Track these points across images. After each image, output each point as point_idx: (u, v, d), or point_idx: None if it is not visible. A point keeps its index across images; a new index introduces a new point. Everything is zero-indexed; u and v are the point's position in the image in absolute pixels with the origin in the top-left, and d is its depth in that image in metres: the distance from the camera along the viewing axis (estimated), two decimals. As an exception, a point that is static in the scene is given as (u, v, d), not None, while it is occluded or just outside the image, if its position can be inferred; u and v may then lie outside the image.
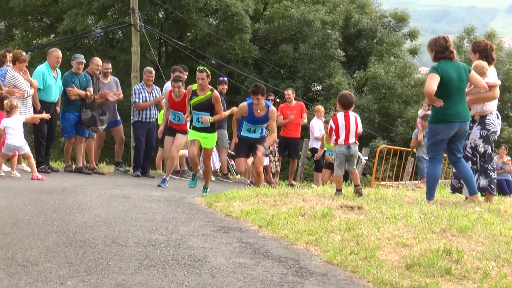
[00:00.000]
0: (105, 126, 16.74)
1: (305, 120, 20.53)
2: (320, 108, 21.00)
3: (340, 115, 11.84)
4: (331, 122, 11.81)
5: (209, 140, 14.68)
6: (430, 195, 11.04)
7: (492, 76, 11.11)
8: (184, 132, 15.85)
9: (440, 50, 10.69)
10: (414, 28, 41.44)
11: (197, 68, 14.55)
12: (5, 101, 14.06)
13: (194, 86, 14.36)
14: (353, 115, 11.88)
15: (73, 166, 16.48)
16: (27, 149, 14.45)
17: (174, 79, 16.22)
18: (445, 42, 10.65)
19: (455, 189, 11.67)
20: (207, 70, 14.46)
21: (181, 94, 15.70)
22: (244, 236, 8.37)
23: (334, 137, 11.75)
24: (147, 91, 17.28)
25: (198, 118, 14.21)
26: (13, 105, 13.93)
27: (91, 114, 16.06)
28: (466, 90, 10.76)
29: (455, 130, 10.87)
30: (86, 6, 35.58)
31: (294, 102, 20.27)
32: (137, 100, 17.20)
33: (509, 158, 24.43)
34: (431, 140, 10.97)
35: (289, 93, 20.38)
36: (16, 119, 14.02)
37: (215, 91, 14.68)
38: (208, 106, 14.31)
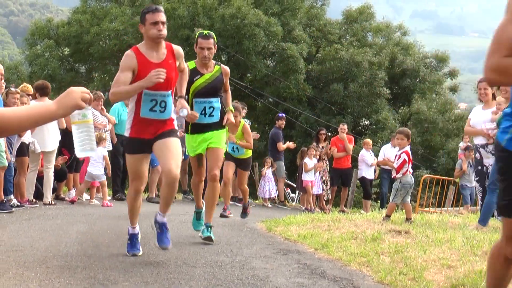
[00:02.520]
0: (182, 157, 16.87)
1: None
2: (369, 141, 20.95)
3: (408, 148, 11.86)
4: (404, 156, 11.78)
5: (215, 138, 9.38)
6: (486, 221, 10.90)
7: None
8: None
9: None
10: (454, 68, 41.13)
11: (198, 33, 9.56)
12: (96, 133, 14.22)
13: (191, 64, 9.30)
14: (409, 148, 11.92)
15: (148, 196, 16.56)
16: (103, 178, 14.61)
17: None
18: None
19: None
20: (214, 36, 9.52)
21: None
22: (302, 258, 8.36)
23: (405, 169, 11.73)
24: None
25: (205, 108, 9.27)
26: (102, 137, 14.12)
27: None
28: None
29: None
30: (156, 51, 36.04)
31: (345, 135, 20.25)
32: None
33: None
34: None
35: (344, 128, 20.36)
36: (99, 151, 14.18)
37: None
38: (219, 87, 9.42)
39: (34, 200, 13.37)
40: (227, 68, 9.63)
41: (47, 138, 13.55)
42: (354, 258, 8.14)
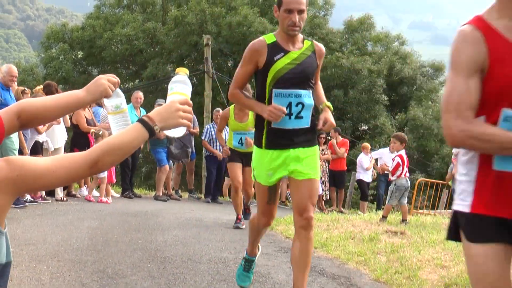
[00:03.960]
0: (189, 158, 17.00)
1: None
2: (367, 145, 20.89)
3: (403, 152, 11.86)
4: (398, 159, 11.78)
5: (308, 162, 5.85)
6: None
7: None
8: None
9: None
10: (449, 77, 41.07)
11: None
12: (93, 129, 14.19)
13: (270, 37, 5.82)
14: (404, 152, 11.91)
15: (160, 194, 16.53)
16: (103, 175, 14.50)
17: None
18: None
19: None
20: None
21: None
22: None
23: (399, 172, 11.71)
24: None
25: (290, 105, 5.71)
26: (98, 134, 14.03)
27: (182, 148, 16.45)
28: None
29: None
30: (166, 56, 36.17)
31: (340, 138, 20.14)
32: (203, 139, 17.24)
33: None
34: None
35: (335, 134, 20.24)
36: None
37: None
38: (311, 74, 5.91)
39: (46, 196, 13.37)
40: (322, 47, 6.04)
41: (56, 136, 13.55)
42: (352, 257, 8.14)
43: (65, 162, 2.53)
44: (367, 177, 20.01)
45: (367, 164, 19.93)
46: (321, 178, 19.11)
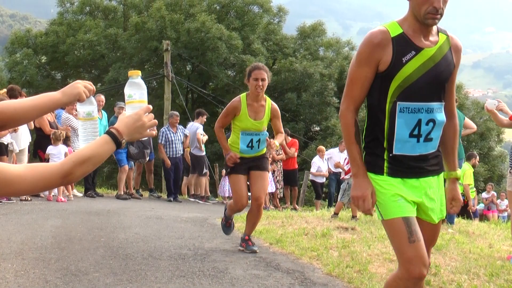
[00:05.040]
0: (148, 158, 16.99)
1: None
2: (323, 148, 20.90)
3: None
4: None
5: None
6: None
7: None
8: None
9: None
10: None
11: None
12: (54, 131, 14.03)
13: (395, 28, 3.96)
14: None
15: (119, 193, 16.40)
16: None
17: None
18: None
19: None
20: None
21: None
22: (259, 251, 8.33)
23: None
24: (173, 132, 17.23)
25: (419, 123, 3.99)
26: (58, 136, 13.84)
27: (140, 148, 16.35)
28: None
29: (459, 165, 11.06)
30: (127, 61, 35.95)
31: (289, 139, 20.15)
32: (160, 142, 17.19)
33: (474, 188, 24.30)
34: None
35: (285, 136, 20.25)
36: (60, 148, 13.91)
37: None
38: (447, 76, 4.07)
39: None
40: (457, 40, 4.26)
41: (20, 138, 13.37)
42: (306, 252, 8.15)
43: (38, 171, 2.50)
44: (320, 178, 20.10)
45: (324, 168, 19.96)
46: (276, 177, 19.13)
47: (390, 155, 4.02)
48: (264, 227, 10.31)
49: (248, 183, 8.55)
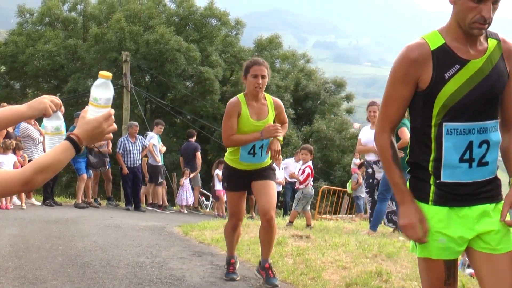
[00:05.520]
0: (107, 167, 16.99)
1: None
2: (280, 157, 20.96)
3: (311, 163, 11.97)
4: (308, 170, 11.87)
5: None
6: (376, 227, 11.06)
7: None
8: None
9: None
10: (349, 92, 41.92)
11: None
12: (4, 140, 13.87)
13: (437, 39, 3.36)
14: (311, 163, 12.05)
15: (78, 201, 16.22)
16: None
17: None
18: None
19: (393, 222, 11.69)
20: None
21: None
22: (215, 259, 8.33)
23: (308, 181, 11.81)
24: (131, 142, 17.12)
25: (471, 145, 3.37)
26: (8, 145, 13.69)
27: (99, 157, 16.28)
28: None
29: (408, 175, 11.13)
30: (86, 71, 35.65)
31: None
32: (119, 151, 17.11)
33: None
34: (390, 184, 10.96)
35: None
36: (9, 157, 13.75)
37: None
38: (501, 89, 3.41)
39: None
40: (511, 43, 3.58)
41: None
42: (261, 260, 8.15)
43: None
44: (277, 186, 20.13)
45: (281, 177, 20.01)
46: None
47: (438, 181, 3.43)
48: (220, 235, 10.27)
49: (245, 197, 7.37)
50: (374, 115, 11.68)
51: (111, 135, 2.84)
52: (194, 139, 20.01)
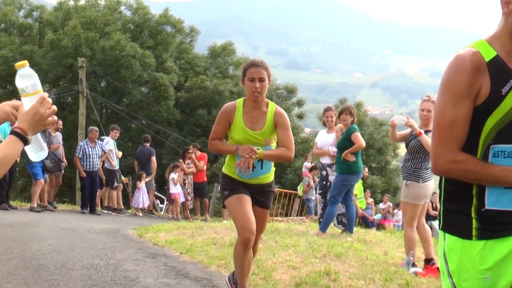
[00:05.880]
0: (62, 171, 16.94)
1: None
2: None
3: None
4: None
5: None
6: (325, 228, 11.16)
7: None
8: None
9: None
10: (301, 98, 42.14)
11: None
12: None
13: (489, 52, 2.88)
14: None
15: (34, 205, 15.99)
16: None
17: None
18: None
19: (342, 224, 11.81)
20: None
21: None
22: (169, 261, 8.29)
23: None
24: (91, 147, 16.97)
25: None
26: None
27: (55, 161, 16.14)
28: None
29: (359, 179, 11.26)
30: (42, 77, 35.13)
31: (199, 153, 20.17)
32: (76, 155, 16.94)
33: (372, 200, 24.92)
34: (341, 188, 11.07)
35: (194, 150, 20.18)
36: None
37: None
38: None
39: None
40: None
41: None
42: (214, 261, 8.16)
43: None
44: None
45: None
46: (186, 189, 19.09)
47: (482, 210, 2.90)
48: (174, 237, 10.27)
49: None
50: (331, 119, 11.86)
51: (54, 117, 2.81)
52: (149, 143, 19.93)
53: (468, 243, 2.91)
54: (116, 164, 17.95)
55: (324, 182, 11.98)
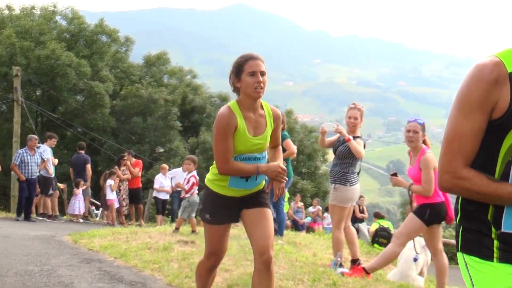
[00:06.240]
0: None
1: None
2: (166, 166, 20.84)
3: (195, 173, 11.94)
4: (193, 179, 11.82)
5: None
6: None
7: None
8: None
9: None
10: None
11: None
12: None
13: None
14: (196, 172, 12.04)
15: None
16: None
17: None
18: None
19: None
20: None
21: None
22: (103, 265, 8.19)
23: (194, 190, 11.78)
24: (30, 155, 16.59)
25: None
26: None
27: None
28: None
29: (289, 184, 11.36)
30: (-23, 85, 34.38)
31: (134, 160, 20.01)
32: (15, 162, 16.55)
33: (302, 203, 25.16)
34: (272, 193, 11.13)
35: (129, 156, 19.98)
36: None
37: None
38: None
39: None
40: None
41: None
42: (148, 265, 8.10)
43: None
44: (163, 195, 20.00)
45: (167, 183, 19.88)
46: (121, 195, 18.88)
47: (498, 232, 2.62)
48: (109, 242, 10.15)
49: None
50: None
51: None
52: (84, 151, 19.65)
53: (490, 266, 2.61)
54: (52, 172, 17.62)
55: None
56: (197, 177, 12.07)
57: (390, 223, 17.88)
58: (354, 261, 8.69)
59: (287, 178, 5.00)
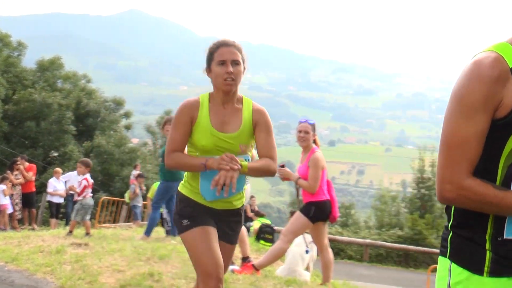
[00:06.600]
0: None
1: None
2: (59, 170, 20.38)
3: (88, 176, 11.74)
4: (84, 182, 11.61)
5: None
6: (150, 232, 11.14)
7: None
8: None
9: None
10: (128, 110, 41.90)
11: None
12: None
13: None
14: (89, 175, 11.86)
15: None
16: None
17: None
18: None
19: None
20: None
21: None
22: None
23: (86, 192, 11.57)
24: None
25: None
26: None
27: None
28: None
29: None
30: None
31: (27, 164, 19.49)
32: None
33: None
34: (164, 194, 11.08)
35: (22, 161, 19.43)
36: None
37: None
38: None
39: None
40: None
41: None
42: (40, 268, 7.88)
43: None
44: (57, 198, 19.54)
45: (60, 187, 19.44)
46: (14, 200, 18.31)
47: (499, 239, 2.33)
48: (0, 247, 9.80)
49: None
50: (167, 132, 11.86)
51: None
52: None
53: (477, 280, 2.32)
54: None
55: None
56: (90, 180, 11.87)
57: (269, 220, 18.30)
58: (244, 259, 8.79)
59: (237, 167, 4.00)
